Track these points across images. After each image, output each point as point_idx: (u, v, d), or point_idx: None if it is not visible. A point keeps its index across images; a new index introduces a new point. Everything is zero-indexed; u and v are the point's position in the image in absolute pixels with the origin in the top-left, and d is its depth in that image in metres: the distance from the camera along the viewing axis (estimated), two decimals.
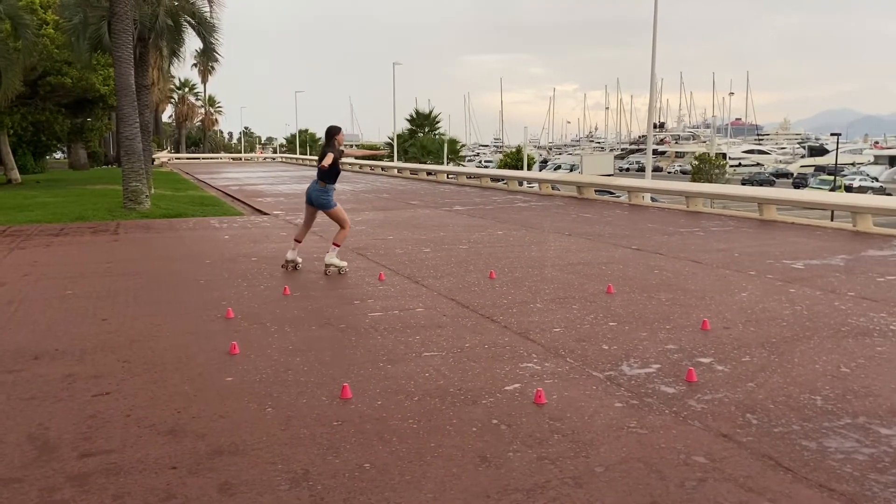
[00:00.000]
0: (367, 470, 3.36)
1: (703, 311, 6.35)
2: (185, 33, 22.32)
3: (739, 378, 4.61)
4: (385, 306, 6.70)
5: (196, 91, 77.45)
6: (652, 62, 22.79)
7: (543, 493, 3.12)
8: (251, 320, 6.20)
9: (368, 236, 11.79)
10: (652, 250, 9.96)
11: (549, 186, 22.65)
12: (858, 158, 78.55)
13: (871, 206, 12.80)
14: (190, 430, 3.85)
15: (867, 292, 7.12)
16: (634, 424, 3.88)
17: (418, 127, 65.48)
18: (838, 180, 47.62)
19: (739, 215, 14.78)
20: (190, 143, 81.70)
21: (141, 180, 16.53)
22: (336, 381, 4.55)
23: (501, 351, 5.26)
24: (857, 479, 3.23)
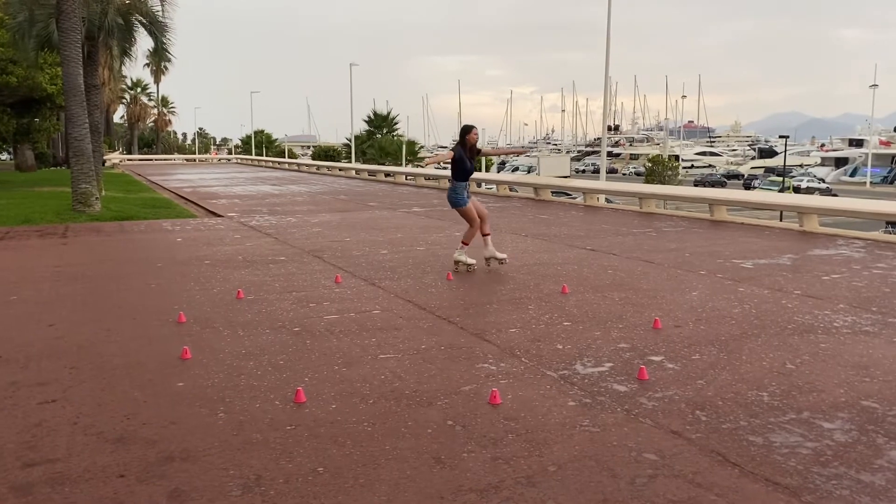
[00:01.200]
0: (320, 474, 3.34)
1: (654, 310, 6.46)
2: (137, 32, 21.88)
3: (689, 376, 4.70)
4: (341, 308, 6.67)
5: (149, 91, 75.97)
6: (606, 66, 23.11)
7: (497, 493, 3.14)
8: (203, 324, 6.11)
9: (325, 238, 11.72)
10: (606, 251, 10.10)
11: (506, 188, 22.79)
12: (806, 160, 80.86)
13: (817, 207, 13.18)
14: (139, 436, 3.77)
15: (812, 290, 7.33)
16: (587, 423, 3.93)
17: (376, 128, 65.29)
18: (787, 181, 48.88)
19: (691, 216, 15.07)
20: (142, 144, 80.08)
21: (91, 182, 16.14)
22: (290, 385, 4.51)
23: (458, 352, 5.28)
24: (800, 473, 3.32)
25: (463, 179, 8.55)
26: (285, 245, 10.95)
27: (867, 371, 4.78)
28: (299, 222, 14.23)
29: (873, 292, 7.25)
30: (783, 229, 13.13)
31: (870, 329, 5.83)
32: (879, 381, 4.58)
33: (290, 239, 11.65)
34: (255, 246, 10.88)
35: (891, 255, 9.64)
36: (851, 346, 5.35)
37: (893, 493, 3.13)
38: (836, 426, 3.87)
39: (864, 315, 6.29)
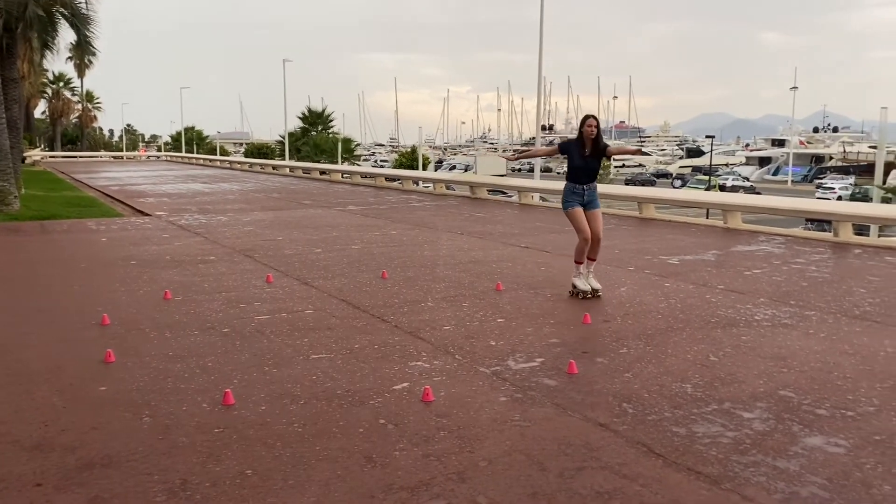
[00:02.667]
0: (249, 476, 3.28)
1: (585, 305, 6.59)
2: (59, 25, 21.03)
3: (617, 369, 4.82)
4: (272, 309, 6.57)
5: (73, 86, 73.04)
6: (539, 66, 23.42)
7: (428, 490, 3.15)
8: (129, 326, 5.92)
9: (257, 237, 11.51)
10: (539, 248, 10.24)
11: (443, 186, 22.85)
12: (731, 159, 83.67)
13: (740, 205, 13.67)
14: (58, 443, 3.64)
15: (735, 285, 7.60)
16: (518, 417, 3.98)
17: (311, 125, 64.45)
18: (713, 180, 50.51)
19: (621, 213, 15.43)
20: (66, 140, 77.02)
21: (9, 180, 15.43)
22: (218, 388, 4.42)
23: (391, 350, 5.27)
24: (721, 462, 3.44)
25: (573, 180, 7.09)
26: (215, 244, 10.71)
27: (785, 362, 4.99)
28: (230, 221, 13.94)
29: (792, 286, 7.56)
30: (708, 226, 13.58)
31: (788, 322, 6.08)
32: (796, 372, 4.78)
33: (221, 238, 11.40)
34: (184, 245, 10.61)
35: (809, 251, 10.08)
36: (771, 339, 5.57)
37: (807, 477, 3.28)
38: (755, 416, 4.03)
39: (783, 308, 6.56)
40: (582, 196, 7.05)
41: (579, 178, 7.05)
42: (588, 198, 7.07)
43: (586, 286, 6.97)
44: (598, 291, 7.01)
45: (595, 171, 7.10)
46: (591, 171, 7.07)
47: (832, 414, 4.05)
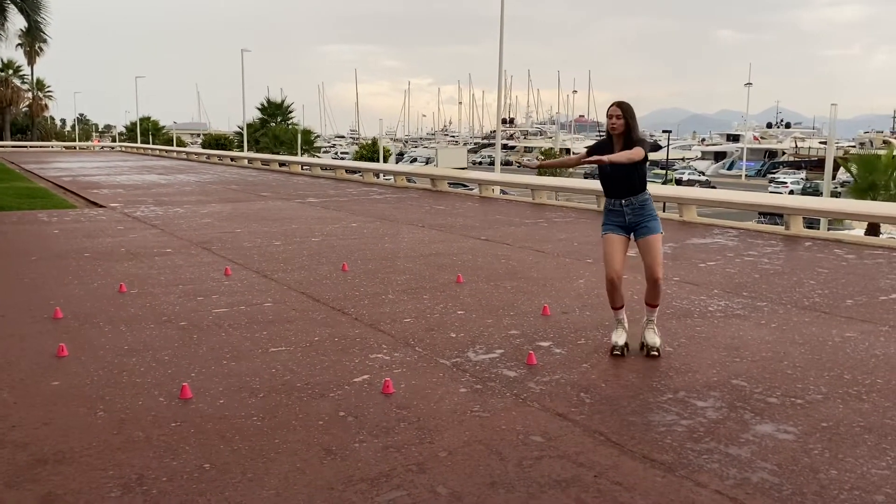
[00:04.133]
0: (206, 470, 3.25)
1: (544, 297, 6.65)
2: (8, 10, 20.41)
3: (575, 360, 4.88)
4: (231, 302, 6.49)
5: (22, 74, 70.92)
6: (500, 59, 23.49)
7: (388, 481, 3.16)
8: (82, 320, 5.80)
9: (215, 229, 11.35)
10: (499, 241, 10.30)
11: (404, 179, 22.79)
12: (688, 154, 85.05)
13: (695, 198, 13.92)
14: (9, 440, 3.55)
15: (690, 277, 7.75)
16: (478, 408, 4.01)
17: (270, 116, 63.68)
18: (669, 174, 51.33)
19: (581, 207, 15.57)
20: (15, 130, 74.74)
21: None
22: (175, 381, 4.36)
23: (351, 343, 5.25)
24: (675, 449, 3.52)
25: (606, 194, 5.11)
26: (172, 237, 10.54)
27: (737, 352, 5.11)
28: (188, 213, 13.71)
29: (745, 278, 7.74)
30: (664, 219, 13.75)
31: (741, 313, 6.23)
32: (748, 361, 4.90)
33: (178, 230, 11.22)
34: (140, 238, 10.41)
35: (761, 244, 10.32)
36: (724, 329, 5.70)
37: (757, 463, 3.37)
38: (709, 404, 4.12)
39: (736, 300, 6.71)
40: (623, 216, 4.99)
41: (612, 191, 5.03)
42: (634, 218, 4.97)
43: (620, 337, 5.03)
44: (655, 349, 4.94)
45: (633, 179, 4.92)
46: (625, 179, 4.92)
47: (782, 402, 4.17)
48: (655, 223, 5.01)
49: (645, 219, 4.99)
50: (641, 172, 4.97)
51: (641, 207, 4.98)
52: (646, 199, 5.00)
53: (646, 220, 4.99)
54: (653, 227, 4.99)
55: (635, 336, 5.19)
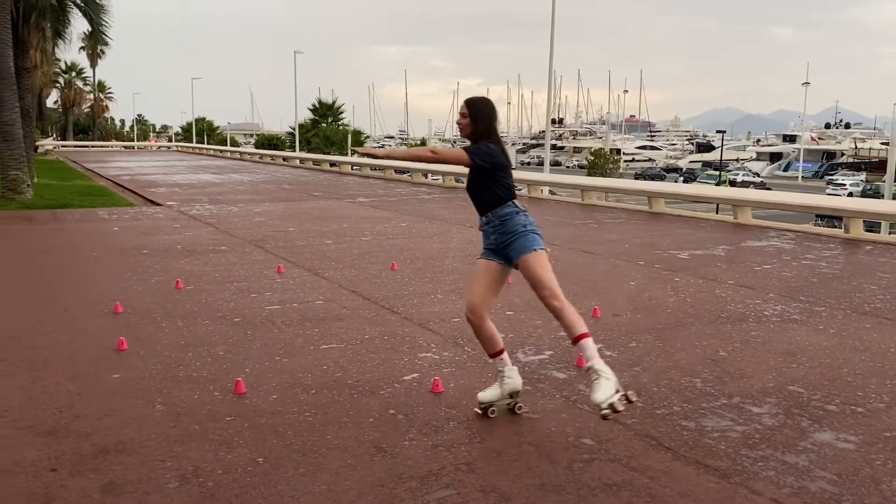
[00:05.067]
0: (260, 464, 3.32)
1: (594, 299, 6.59)
2: (71, 14, 21.12)
3: (626, 363, 4.82)
4: (283, 299, 6.60)
5: (84, 76, 73.34)
6: (550, 59, 23.35)
7: (437, 480, 3.17)
8: (141, 315, 5.97)
9: (268, 228, 11.56)
10: (548, 242, 10.19)
11: (452, 179, 22.84)
12: (742, 155, 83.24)
13: (750, 200, 13.62)
14: (72, 429, 3.68)
15: (745, 280, 7.58)
16: (527, 409, 3.99)
17: (321, 117, 64.53)
18: (723, 175, 50.31)
19: (631, 208, 15.39)
20: (78, 130, 77.36)
21: (22, 169, 15.54)
22: (230, 376, 4.45)
23: (401, 341, 5.29)
24: (729, 456, 3.45)
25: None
26: (226, 234, 10.77)
27: (794, 358, 4.98)
28: (241, 212, 13.99)
29: (801, 282, 7.54)
30: (719, 221, 13.53)
31: (798, 318, 6.07)
32: (805, 367, 4.78)
33: (232, 228, 11.46)
34: (196, 235, 10.66)
35: (819, 247, 10.04)
36: (780, 334, 5.56)
37: (816, 472, 3.28)
38: (765, 410, 4.03)
39: (793, 304, 6.54)
40: (489, 237, 4.05)
41: (475, 207, 4.14)
42: (499, 238, 3.98)
43: (486, 392, 3.96)
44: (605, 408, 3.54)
45: (483, 191, 4.02)
46: (476, 191, 4.07)
47: (842, 410, 4.04)
48: (525, 240, 3.91)
49: (510, 237, 3.91)
50: (494, 183, 3.94)
51: (502, 224, 3.93)
52: (506, 214, 3.92)
53: (512, 239, 3.91)
54: (521, 245, 3.89)
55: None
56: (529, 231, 3.95)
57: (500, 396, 3.93)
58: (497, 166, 3.94)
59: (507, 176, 3.99)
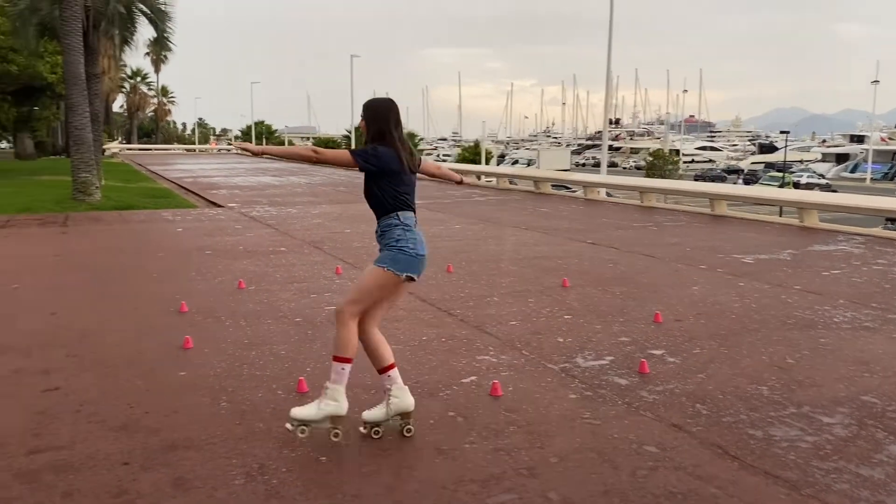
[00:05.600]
0: (323, 463, 3.36)
1: (655, 304, 6.47)
2: (138, 21, 21.82)
3: (690, 369, 4.72)
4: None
5: (148, 81, 75.80)
6: (608, 59, 23.08)
7: (499, 484, 3.16)
8: (205, 314, 6.12)
9: (325, 229, 11.72)
10: (607, 244, 10.10)
11: (506, 181, 22.78)
12: (807, 156, 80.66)
13: (817, 203, 13.19)
14: (142, 425, 3.79)
15: (813, 286, 7.34)
16: (588, 415, 3.95)
17: None
18: (787, 177, 48.89)
19: (692, 210, 15.08)
20: (142, 133, 79.93)
21: (91, 171, 16.13)
22: (292, 375, 4.53)
23: (458, 344, 5.29)
24: (800, 467, 3.34)
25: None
26: (286, 236, 10.96)
27: (867, 366, 4.80)
28: (299, 213, 14.23)
29: (873, 288, 7.26)
30: (783, 224, 13.15)
31: (870, 325, 5.84)
32: (879, 377, 4.60)
33: (291, 230, 11.65)
34: (256, 236, 10.88)
35: (891, 252, 9.65)
36: (851, 342, 5.37)
37: (892, 486, 3.16)
38: (836, 421, 3.89)
39: (864, 311, 6.30)
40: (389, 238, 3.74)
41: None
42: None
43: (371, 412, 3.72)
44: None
45: (367, 198, 3.80)
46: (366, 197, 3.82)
47: None
48: (382, 255, 3.68)
49: (380, 249, 3.72)
50: (380, 189, 3.68)
51: (381, 235, 3.72)
52: (386, 226, 3.68)
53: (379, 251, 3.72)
54: (378, 257, 3.69)
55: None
56: (395, 248, 3.64)
57: (387, 416, 3.66)
58: (383, 171, 3.63)
59: (396, 183, 3.66)
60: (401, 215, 3.67)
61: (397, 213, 3.68)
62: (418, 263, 3.71)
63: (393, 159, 3.64)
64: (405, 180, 3.68)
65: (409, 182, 3.70)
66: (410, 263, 3.66)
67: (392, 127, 3.69)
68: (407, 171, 3.68)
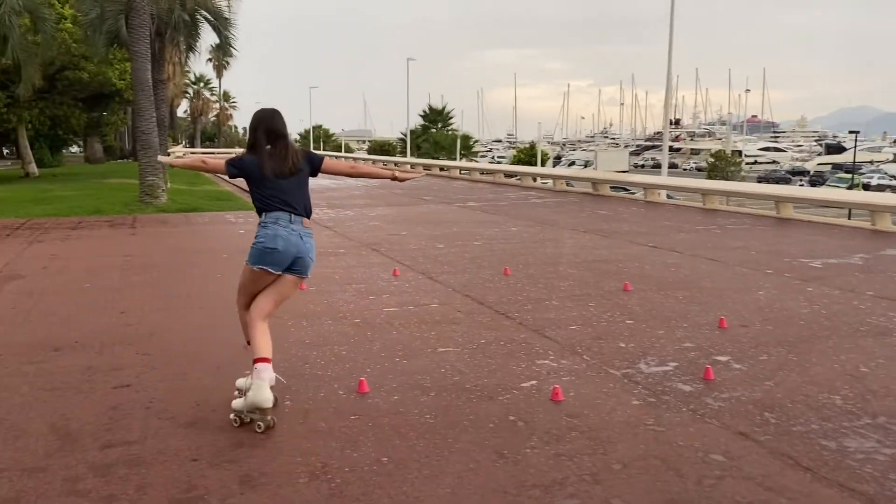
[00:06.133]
0: (384, 464, 3.38)
1: (720, 309, 6.31)
2: (201, 28, 22.43)
3: (757, 377, 4.59)
4: (400, 301, 6.72)
5: (211, 86, 77.80)
6: (668, 58, 22.68)
7: (561, 490, 3.12)
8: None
9: (382, 231, 11.82)
10: (668, 248, 9.92)
11: (563, 183, 22.59)
12: (877, 156, 77.64)
13: (889, 205, 12.67)
14: (210, 422, 3.88)
15: (886, 291, 7.05)
16: (652, 422, 3.88)
17: (431, 122, 65.49)
18: (856, 178, 47.19)
19: (756, 213, 14.68)
20: (205, 137, 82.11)
21: (157, 175, 16.64)
22: (352, 375, 4.57)
23: (517, 347, 5.26)
24: (877, 480, 3.21)
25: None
26: (344, 238, 11.09)
27: None
28: (357, 216, 14.39)
29: None
30: (853, 228, 12.69)
31: None
32: None
33: (349, 232, 11.79)
34: (315, 239, 11.02)
35: None
36: None
37: None
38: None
39: None
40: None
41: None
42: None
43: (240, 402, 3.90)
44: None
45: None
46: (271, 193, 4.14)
47: None
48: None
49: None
50: (252, 194, 4.15)
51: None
52: (258, 225, 4.13)
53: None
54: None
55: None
56: (252, 245, 4.05)
57: (244, 408, 3.82)
58: (248, 177, 4.04)
59: (261, 188, 4.01)
60: (267, 215, 4.04)
61: (264, 212, 4.06)
62: (266, 256, 3.99)
63: (254, 167, 3.99)
64: (268, 185, 4.00)
65: (276, 186, 4.01)
66: (260, 255, 4.00)
67: (260, 136, 4.02)
68: (271, 176, 3.99)
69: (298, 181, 4.11)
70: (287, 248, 4.00)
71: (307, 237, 4.12)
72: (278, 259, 4.01)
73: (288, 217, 4.04)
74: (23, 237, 11.40)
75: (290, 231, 4.03)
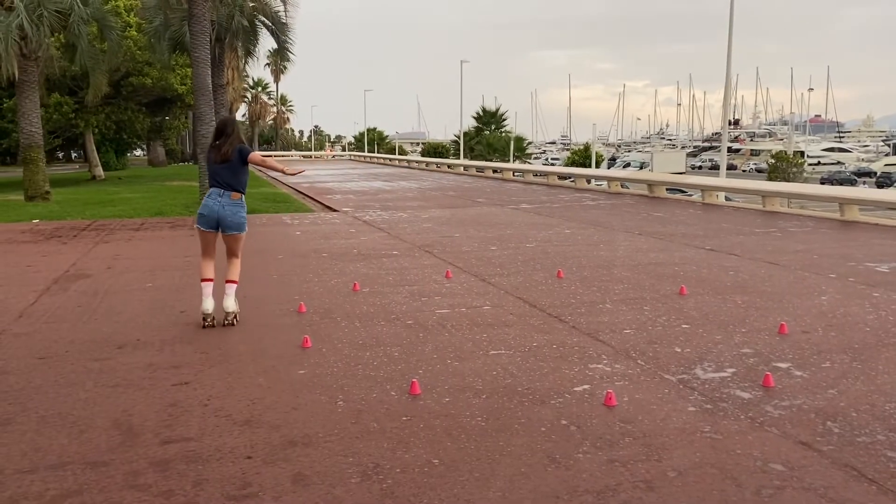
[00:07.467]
0: (436, 466, 3.38)
1: (780, 314, 6.14)
2: (260, 33, 22.90)
3: (819, 384, 4.44)
4: (452, 303, 6.73)
5: (268, 90, 79.49)
6: (728, 57, 22.16)
7: (614, 496, 3.08)
8: (322, 315, 6.32)
9: (435, 233, 11.86)
10: (726, 251, 9.69)
11: (618, 184, 22.29)
12: None
13: None
14: (264, 420, 3.95)
15: None
16: (708, 429, 3.79)
17: (484, 124, 65.40)
18: None
19: (819, 215, 14.23)
20: (262, 141, 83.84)
21: None
22: (405, 377, 4.60)
23: (570, 351, 5.21)
24: None
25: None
26: (397, 240, 11.17)
27: None
28: (410, 217, 14.47)
29: None
30: None
31: None
32: None
33: (402, 234, 11.87)
34: (369, 240, 11.16)
35: None
36: None
37: None
38: None
39: None
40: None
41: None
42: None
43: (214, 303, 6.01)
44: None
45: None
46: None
47: None
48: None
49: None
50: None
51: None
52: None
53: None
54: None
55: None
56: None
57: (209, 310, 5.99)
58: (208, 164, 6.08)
59: (210, 171, 6.00)
60: (210, 190, 5.93)
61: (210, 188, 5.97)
62: (200, 218, 5.93)
63: (208, 158, 6.00)
64: (211, 169, 5.94)
65: (214, 170, 5.93)
66: (197, 218, 5.97)
67: (215, 135, 6.04)
68: (213, 163, 5.93)
69: (230, 166, 5.88)
70: (210, 213, 5.86)
71: (229, 206, 5.88)
72: (205, 221, 5.90)
73: (219, 192, 5.88)
74: (89, 238, 11.83)
75: (215, 202, 5.86)
